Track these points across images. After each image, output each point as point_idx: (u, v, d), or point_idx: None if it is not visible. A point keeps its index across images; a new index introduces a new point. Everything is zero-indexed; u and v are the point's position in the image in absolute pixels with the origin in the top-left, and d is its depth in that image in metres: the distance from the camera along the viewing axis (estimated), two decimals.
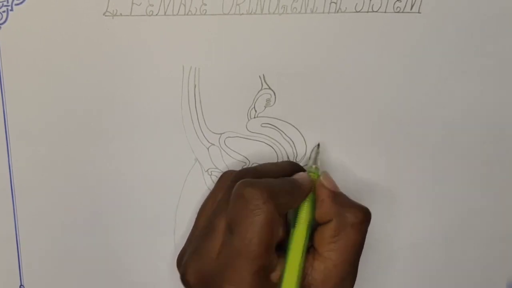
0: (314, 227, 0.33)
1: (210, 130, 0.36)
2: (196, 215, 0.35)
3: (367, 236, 0.34)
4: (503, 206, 0.39)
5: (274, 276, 0.31)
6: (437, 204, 0.38)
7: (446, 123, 0.37)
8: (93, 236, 0.38)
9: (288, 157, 0.37)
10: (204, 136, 0.36)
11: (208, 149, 0.37)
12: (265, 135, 0.36)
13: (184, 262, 0.32)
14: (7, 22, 0.34)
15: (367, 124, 0.37)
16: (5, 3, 0.33)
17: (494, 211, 0.39)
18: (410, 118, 0.37)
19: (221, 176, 0.35)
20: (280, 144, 0.37)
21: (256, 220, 0.29)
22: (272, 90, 0.36)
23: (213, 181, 0.37)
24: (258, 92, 0.36)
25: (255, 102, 0.36)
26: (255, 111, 0.36)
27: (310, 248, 0.32)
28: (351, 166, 0.37)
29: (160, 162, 0.37)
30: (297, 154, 0.37)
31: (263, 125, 0.36)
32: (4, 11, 0.33)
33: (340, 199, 0.32)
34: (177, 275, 0.38)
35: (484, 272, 0.40)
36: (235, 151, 0.37)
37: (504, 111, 0.37)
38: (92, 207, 0.38)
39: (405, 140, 0.37)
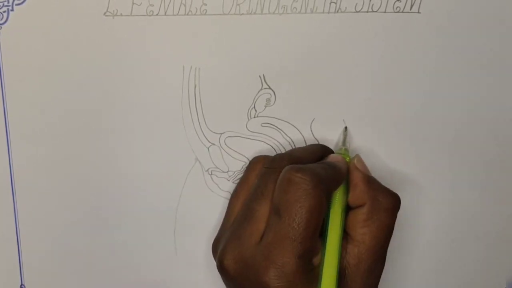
0: (346, 211, 0.33)
1: (210, 130, 0.36)
2: (195, 213, 0.35)
3: None
4: (503, 206, 0.39)
5: (316, 260, 0.31)
6: (437, 205, 0.38)
7: (446, 123, 0.37)
8: (93, 236, 0.38)
9: None
10: (205, 135, 0.36)
11: (208, 148, 0.37)
12: (265, 134, 0.37)
13: (222, 248, 0.32)
14: (7, 22, 0.34)
15: (367, 124, 0.37)
16: (5, 3, 0.33)
17: (494, 211, 0.39)
18: (409, 118, 0.37)
19: (251, 162, 0.35)
20: (280, 143, 0.37)
21: (306, 205, 0.29)
22: (272, 90, 0.36)
23: (213, 181, 0.37)
24: (258, 92, 0.36)
25: (255, 102, 0.36)
26: (255, 110, 0.36)
27: (343, 233, 0.33)
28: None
29: (160, 162, 0.37)
30: None
31: (263, 124, 0.36)
32: (4, 11, 0.34)
33: (373, 184, 0.33)
34: (177, 274, 0.38)
35: (484, 272, 0.40)
36: (235, 151, 0.37)
37: (504, 111, 0.37)
38: (92, 207, 0.38)
39: (404, 140, 0.37)
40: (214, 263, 0.38)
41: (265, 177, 0.32)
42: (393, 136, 0.37)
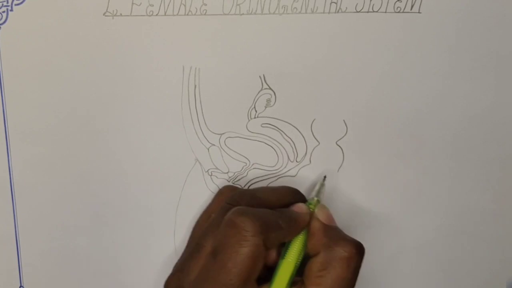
0: (305, 260, 0.32)
1: (210, 131, 0.36)
2: (195, 214, 0.35)
3: (368, 237, 0.34)
4: (503, 206, 0.39)
5: None
6: (437, 205, 0.38)
7: (446, 123, 0.37)
8: (93, 237, 0.38)
9: (288, 158, 0.37)
10: (205, 136, 0.36)
11: (208, 149, 0.37)
12: (265, 135, 0.36)
13: (168, 276, 0.32)
14: (7, 22, 0.34)
15: (367, 123, 0.37)
16: (5, 3, 0.33)
17: (494, 211, 0.39)
18: (410, 117, 0.37)
19: (218, 192, 0.35)
20: (280, 144, 0.37)
21: (240, 251, 0.29)
22: (273, 90, 0.36)
23: (213, 182, 0.37)
24: (259, 92, 0.36)
25: (256, 102, 0.36)
26: (256, 111, 0.36)
27: (299, 282, 0.31)
28: (350, 165, 0.37)
29: (160, 162, 0.37)
30: (297, 154, 0.37)
31: (263, 125, 0.36)
32: (4, 11, 0.33)
33: (331, 233, 0.31)
34: None
35: (484, 272, 0.40)
36: (235, 151, 0.37)
37: (504, 111, 0.37)
38: (92, 208, 0.38)
39: (405, 140, 0.37)
40: None
41: (221, 214, 0.31)
42: (393, 136, 0.37)
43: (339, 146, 0.37)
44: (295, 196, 0.34)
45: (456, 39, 0.35)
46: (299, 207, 0.33)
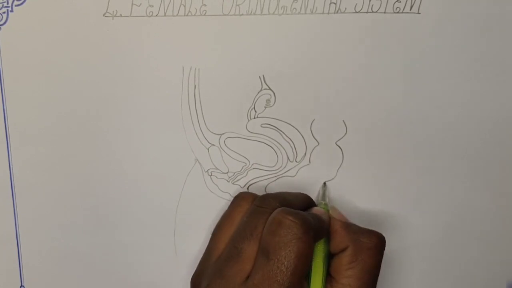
0: (329, 258, 0.33)
1: (210, 131, 0.36)
2: (195, 214, 0.35)
3: None
4: (503, 206, 0.39)
5: None
6: (437, 205, 0.38)
7: (446, 123, 0.37)
8: (93, 237, 0.38)
9: (288, 158, 0.37)
10: (204, 136, 0.36)
11: (208, 149, 0.37)
12: (265, 135, 0.36)
13: (206, 285, 0.32)
14: (7, 23, 0.34)
15: (367, 123, 0.37)
16: (5, 4, 0.33)
17: (494, 211, 0.39)
18: (410, 118, 0.37)
19: (237, 198, 0.35)
20: (280, 144, 0.37)
21: (295, 249, 0.29)
22: (272, 91, 0.36)
23: (213, 182, 0.37)
24: (258, 92, 0.36)
25: (255, 103, 0.36)
26: (255, 111, 0.36)
27: (328, 278, 0.32)
28: (350, 165, 0.37)
29: (160, 163, 0.37)
30: (297, 155, 0.37)
31: (263, 125, 0.36)
32: (4, 12, 0.33)
33: (352, 227, 0.33)
34: (177, 275, 0.38)
35: (484, 272, 0.40)
36: (235, 152, 0.37)
37: (504, 111, 0.37)
38: (92, 208, 0.38)
39: (405, 140, 0.37)
40: None
41: (255, 216, 0.32)
42: (392, 136, 0.37)
43: (339, 146, 0.37)
44: (309, 202, 0.35)
45: (455, 40, 0.35)
46: (318, 210, 0.34)
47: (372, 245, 0.31)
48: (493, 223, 0.39)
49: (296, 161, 0.37)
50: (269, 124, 0.36)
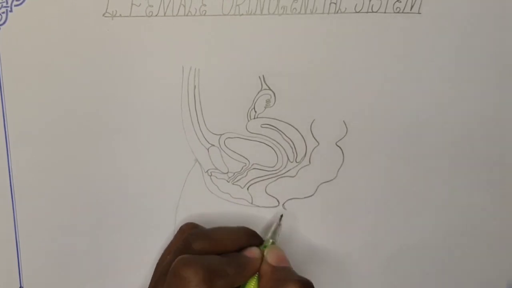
0: None
1: (210, 131, 0.36)
2: (195, 214, 0.36)
3: (368, 237, 0.34)
4: (503, 206, 0.39)
5: None
6: (437, 205, 0.38)
7: (446, 123, 0.37)
8: (92, 237, 0.38)
9: (288, 158, 0.37)
10: (204, 137, 0.36)
11: (208, 150, 0.37)
12: (265, 135, 0.36)
13: None
14: (6, 23, 0.34)
15: (367, 124, 0.37)
16: (4, 4, 0.33)
17: (494, 211, 0.39)
18: (410, 118, 0.37)
19: (179, 230, 0.35)
20: (280, 144, 0.37)
21: None
22: (272, 91, 0.36)
23: (213, 182, 0.37)
24: (258, 92, 0.36)
25: (255, 103, 0.36)
26: (255, 111, 0.36)
27: None
28: (350, 166, 0.37)
29: (160, 163, 0.37)
30: (297, 155, 0.37)
31: (263, 125, 0.36)
32: (3, 12, 0.33)
33: (279, 274, 0.32)
34: None
35: (484, 272, 0.40)
36: (235, 152, 0.37)
37: (504, 111, 0.37)
38: (92, 208, 0.38)
39: (405, 140, 0.37)
40: None
41: (173, 255, 0.31)
42: (393, 136, 0.37)
43: (339, 147, 0.37)
44: (251, 238, 0.34)
45: (455, 40, 0.35)
46: (251, 252, 0.33)
47: None
48: (493, 223, 0.39)
49: (296, 161, 0.37)
50: (269, 125, 0.36)
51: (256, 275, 0.32)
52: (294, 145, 0.37)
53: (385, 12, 0.34)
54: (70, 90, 0.35)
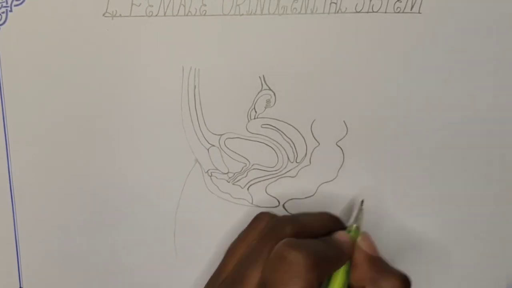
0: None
1: (210, 131, 0.36)
2: (195, 214, 0.35)
3: None
4: (503, 206, 0.39)
5: None
6: (438, 205, 0.38)
7: (446, 123, 0.37)
8: (92, 238, 0.38)
9: (288, 159, 0.37)
10: (204, 137, 0.36)
11: (208, 150, 0.37)
12: (265, 136, 0.36)
13: None
14: (6, 23, 0.34)
15: (367, 124, 0.37)
16: (4, 4, 0.33)
17: (494, 211, 0.39)
18: (410, 118, 0.37)
19: (254, 219, 0.33)
20: (280, 145, 0.37)
21: None
22: (272, 91, 0.36)
23: (213, 182, 0.37)
24: (258, 93, 0.36)
25: (255, 103, 0.36)
26: (255, 112, 0.36)
27: None
28: (350, 166, 0.37)
29: (160, 163, 0.37)
30: (297, 155, 0.37)
31: (263, 126, 0.36)
32: (3, 12, 0.33)
33: (377, 265, 0.30)
34: (177, 276, 0.38)
35: (484, 272, 0.40)
36: (235, 152, 0.37)
37: (504, 111, 0.37)
38: (92, 209, 0.38)
39: (405, 140, 0.37)
40: (214, 264, 0.38)
41: (263, 242, 0.30)
42: (393, 136, 0.37)
43: (339, 147, 0.37)
44: (336, 223, 0.33)
45: (456, 40, 0.35)
46: (342, 235, 0.31)
47: None
48: (493, 223, 0.39)
49: (296, 161, 0.37)
50: (269, 125, 0.36)
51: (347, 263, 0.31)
52: (294, 145, 0.37)
53: (385, 12, 0.34)
54: (70, 90, 0.35)
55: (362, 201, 0.35)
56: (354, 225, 0.33)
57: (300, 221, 0.31)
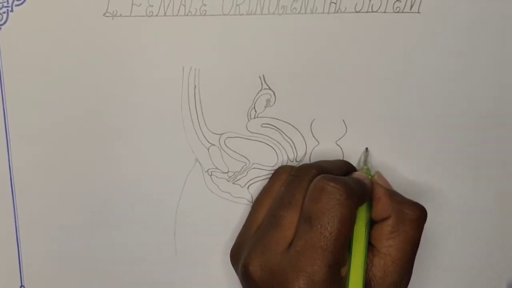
0: (370, 226, 0.33)
1: (210, 131, 0.36)
2: (195, 214, 0.35)
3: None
4: (504, 206, 0.39)
5: (343, 270, 0.31)
6: (438, 205, 0.38)
7: (446, 122, 0.37)
8: (93, 237, 0.38)
9: (288, 158, 0.37)
10: (204, 136, 0.36)
11: (208, 149, 0.37)
12: (265, 135, 0.36)
13: (247, 254, 0.32)
14: (7, 23, 0.34)
15: (367, 123, 0.37)
16: (5, 4, 0.33)
17: (495, 211, 0.39)
18: (409, 117, 0.37)
19: (276, 172, 0.35)
20: (280, 144, 0.37)
21: (338, 215, 0.29)
22: (272, 91, 0.36)
23: (213, 181, 0.37)
24: (258, 92, 0.36)
25: (255, 103, 0.36)
26: (255, 111, 0.36)
27: (368, 246, 0.32)
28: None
29: (160, 163, 0.37)
30: (297, 155, 0.37)
31: (263, 125, 0.36)
32: (4, 12, 0.33)
33: (396, 197, 0.33)
34: (177, 275, 0.38)
35: (484, 272, 0.40)
36: (235, 152, 0.37)
37: (505, 111, 0.37)
38: (92, 208, 0.38)
39: (404, 140, 0.37)
40: (214, 263, 0.38)
41: (292, 185, 0.32)
42: (392, 135, 0.37)
43: (339, 146, 0.37)
44: (350, 166, 0.35)
45: (455, 39, 0.35)
46: (359, 174, 0.34)
47: (415, 217, 0.32)
48: (493, 223, 0.39)
49: (296, 160, 0.37)
50: (269, 124, 0.36)
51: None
52: (294, 144, 0.37)
53: (385, 12, 0.35)
54: (70, 89, 0.35)
55: (367, 148, 0.37)
56: (365, 167, 0.35)
57: (321, 165, 0.33)
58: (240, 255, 0.33)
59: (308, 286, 0.29)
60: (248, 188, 0.37)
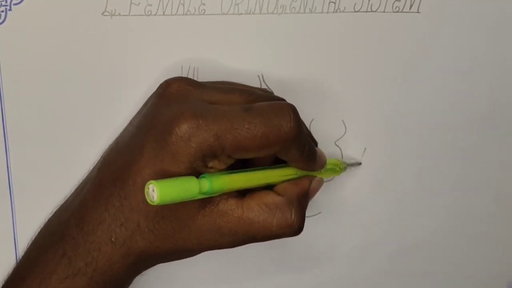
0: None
1: None
2: None
3: (367, 237, 0.33)
4: (504, 207, 0.39)
5: (212, 164, 0.29)
6: (437, 205, 0.38)
7: (446, 122, 0.37)
8: None
9: None
10: None
11: None
12: None
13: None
14: (5, 22, 0.34)
15: (367, 124, 0.37)
16: (3, 3, 0.33)
17: (494, 211, 0.39)
18: (409, 117, 0.37)
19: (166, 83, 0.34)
20: None
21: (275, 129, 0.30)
22: (271, 90, 0.36)
23: None
24: None
25: None
26: None
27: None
28: (349, 166, 0.37)
29: None
30: None
31: None
32: (2, 11, 0.33)
33: (300, 202, 0.32)
34: (177, 275, 0.38)
35: (484, 272, 0.40)
36: None
37: (504, 111, 0.37)
38: None
39: (404, 140, 0.37)
40: (214, 262, 0.38)
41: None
42: (392, 135, 0.37)
43: (338, 146, 0.37)
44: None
45: (455, 39, 0.35)
46: (322, 152, 0.34)
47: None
48: (493, 223, 0.39)
49: None
50: None
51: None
52: None
53: (384, 12, 0.34)
54: (69, 89, 0.35)
55: (365, 149, 0.37)
56: (341, 161, 0.36)
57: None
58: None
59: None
60: None
